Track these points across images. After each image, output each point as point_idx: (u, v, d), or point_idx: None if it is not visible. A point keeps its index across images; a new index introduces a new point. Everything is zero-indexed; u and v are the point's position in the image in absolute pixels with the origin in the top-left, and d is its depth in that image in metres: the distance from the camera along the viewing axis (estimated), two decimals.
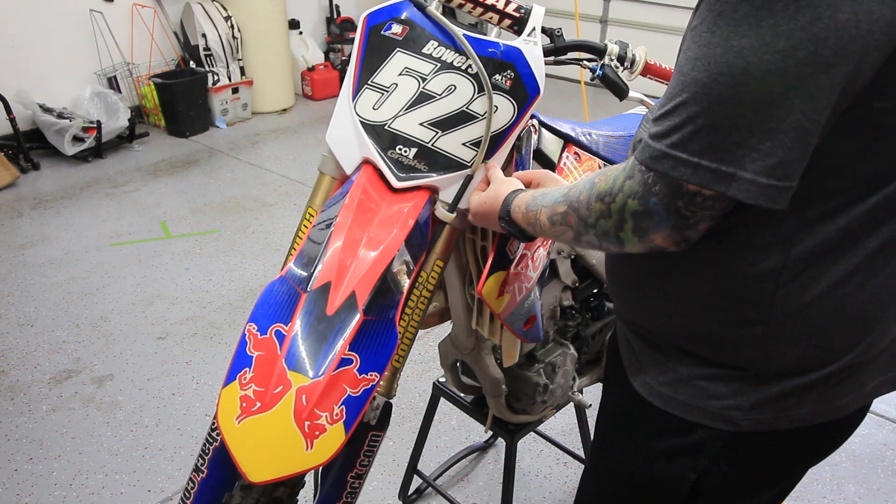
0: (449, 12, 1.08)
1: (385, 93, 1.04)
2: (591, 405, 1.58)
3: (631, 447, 0.93)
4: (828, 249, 0.72)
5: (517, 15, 1.10)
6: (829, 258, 0.72)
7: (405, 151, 1.03)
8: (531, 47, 1.05)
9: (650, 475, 0.90)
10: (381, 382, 0.95)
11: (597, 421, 1.04)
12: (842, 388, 0.79)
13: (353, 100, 1.05)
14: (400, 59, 1.05)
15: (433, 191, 1.05)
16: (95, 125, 3.92)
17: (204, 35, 4.45)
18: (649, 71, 1.25)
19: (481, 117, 1.02)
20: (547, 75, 1.06)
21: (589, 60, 1.24)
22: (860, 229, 0.72)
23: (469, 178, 1.04)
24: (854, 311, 0.75)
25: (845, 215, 0.71)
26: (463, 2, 1.10)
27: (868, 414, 2.15)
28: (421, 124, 1.03)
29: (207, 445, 1.07)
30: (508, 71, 1.03)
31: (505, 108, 1.03)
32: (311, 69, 5.16)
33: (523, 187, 0.97)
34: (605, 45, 1.19)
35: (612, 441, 0.98)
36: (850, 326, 0.76)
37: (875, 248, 0.73)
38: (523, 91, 1.03)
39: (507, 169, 1.10)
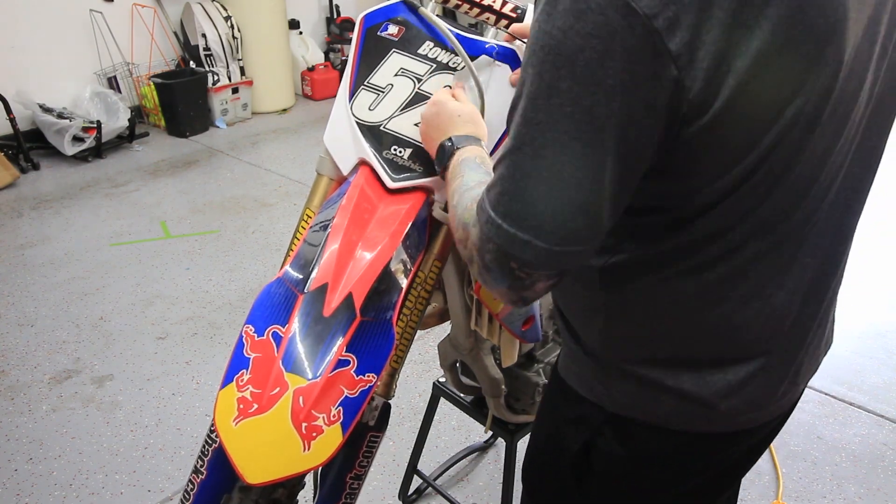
0: (449, 13, 1.08)
1: (381, 93, 1.04)
2: None
3: (546, 414, 1.01)
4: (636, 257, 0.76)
5: (513, 15, 1.10)
6: (643, 267, 0.76)
7: (400, 152, 1.03)
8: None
9: (552, 439, 0.97)
10: (379, 383, 0.95)
11: None
12: (698, 403, 0.80)
13: (350, 101, 1.05)
14: (396, 60, 1.05)
15: (430, 192, 1.05)
16: (95, 125, 3.92)
17: (204, 35, 4.45)
18: None
19: None
20: None
21: None
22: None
23: None
24: (686, 334, 0.78)
25: (668, 240, 0.73)
26: (460, 2, 1.10)
27: (868, 414, 2.17)
28: (416, 125, 1.03)
29: (206, 447, 1.07)
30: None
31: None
32: (311, 69, 5.16)
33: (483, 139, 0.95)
34: None
35: (540, 410, 1.06)
36: (679, 345, 0.79)
37: (712, 280, 0.74)
38: None
39: None
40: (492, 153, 1.05)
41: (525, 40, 1.05)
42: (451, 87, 1.04)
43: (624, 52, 0.57)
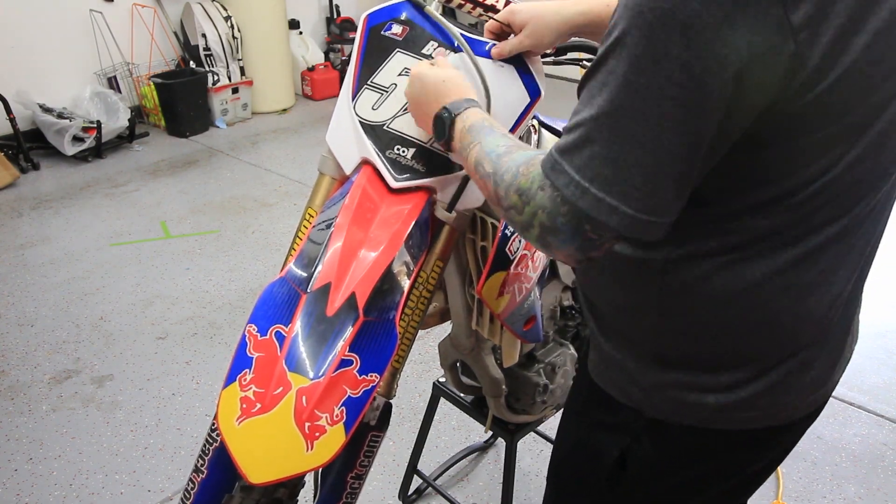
0: (449, 12, 1.08)
1: (384, 93, 1.04)
2: None
3: (575, 420, 0.99)
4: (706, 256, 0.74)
5: None
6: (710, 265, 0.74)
7: (403, 152, 1.03)
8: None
9: (584, 445, 0.95)
10: (380, 383, 0.95)
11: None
12: (744, 401, 0.79)
13: (353, 100, 1.05)
14: (399, 60, 1.05)
15: (433, 191, 1.05)
16: (95, 125, 3.92)
17: (204, 35, 4.45)
18: None
19: None
20: (546, 75, 1.06)
21: (588, 61, 1.24)
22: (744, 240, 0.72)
23: (467, 179, 1.04)
24: (748, 328, 0.76)
25: (741, 228, 0.72)
26: (462, 2, 1.10)
27: (868, 414, 2.17)
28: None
29: (207, 446, 1.07)
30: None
31: None
32: (311, 69, 5.16)
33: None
34: None
35: (569, 412, 1.04)
36: (738, 341, 0.77)
37: (781, 265, 0.73)
38: (523, 93, 1.04)
39: None
40: None
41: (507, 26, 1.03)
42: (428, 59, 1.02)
43: (744, 22, 0.56)
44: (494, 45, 1.04)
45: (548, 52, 1.13)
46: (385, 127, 1.03)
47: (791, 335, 0.78)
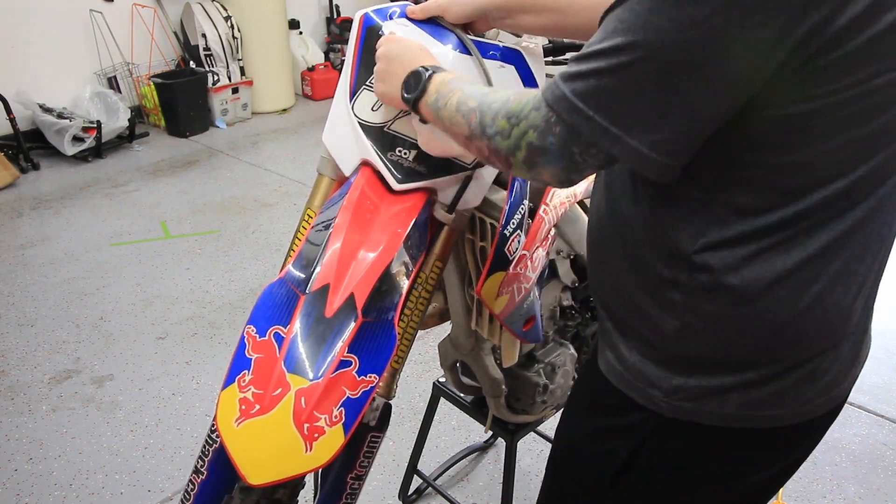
0: None
1: None
2: None
3: (580, 421, 0.97)
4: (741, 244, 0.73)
5: None
6: (747, 255, 0.73)
7: (405, 153, 1.03)
8: (532, 49, 1.04)
9: (588, 449, 0.94)
10: (380, 383, 0.95)
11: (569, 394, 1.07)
12: (770, 399, 0.79)
13: (351, 101, 1.04)
14: None
15: (432, 192, 1.04)
16: (95, 125, 3.92)
17: (204, 35, 4.45)
18: None
19: None
20: (546, 76, 1.06)
21: None
22: (788, 230, 0.71)
23: (468, 180, 1.04)
24: (778, 322, 0.75)
25: (770, 217, 0.71)
26: None
27: (868, 414, 2.17)
28: None
29: (207, 447, 1.07)
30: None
31: None
32: (311, 69, 5.16)
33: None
34: None
35: (570, 408, 1.03)
36: (768, 337, 0.76)
37: (812, 253, 0.72)
38: None
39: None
40: None
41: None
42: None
43: None
44: (497, 44, 1.04)
45: (546, 52, 1.13)
46: (386, 128, 1.03)
47: (821, 329, 0.77)
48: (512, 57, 1.03)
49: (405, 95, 0.89)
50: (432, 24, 1.05)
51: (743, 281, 0.73)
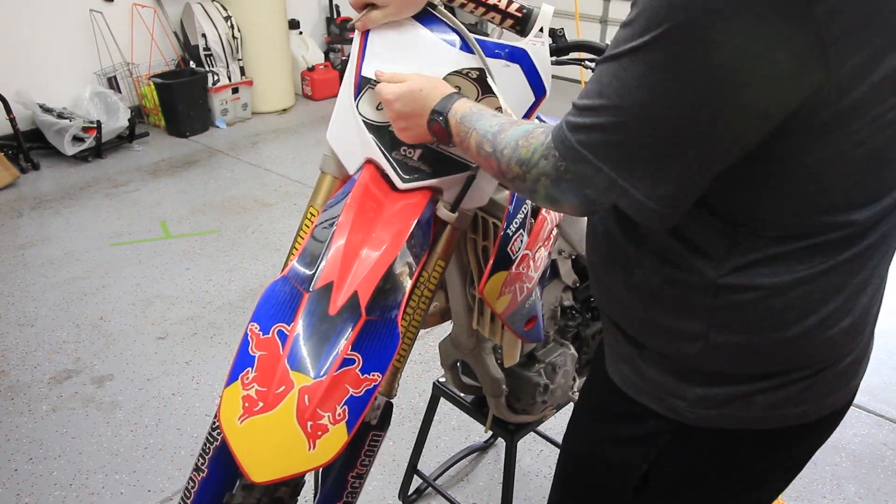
0: (449, 11, 1.07)
1: None
2: None
3: (594, 429, 0.97)
4: (764, 264, 0.73)
5: (519, 15, 1.10)
6: (765, 273, 0.73)
7: (410, 153, 1.03)
8: (538, 48, 1.04)
9: (606, 459, 0.93)
10: (382, 382, 0.95)
11: (576, 402, 1.07)
12: (794, 396, 0.79)
13: (356, 99, 1.04)
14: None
15: (435, 191, 1.05)
16: (95, 125, 3.92)
17: (204, 35, 4.45)
18: None
19: None
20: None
21: (590, 60, 1.24)
22: (804, 252, 0.72)
23: (472, 179, 1.04)
24: (803, 336, 0.75)
25: (801, 240, 0.72)
26: (465, 1, 1.10)
27: (868, 414, 2.17)
28: None
29: (208, 445, 1.07)
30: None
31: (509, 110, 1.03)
32: (311, 69, 5.16)
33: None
34: (606, 46, 1.19)
35: (581, 421, 1.02)
36: (792, 346, 0.76)
37: (829, 270, 0.73)
38: (528, 92, 1.04)
39: None
40: None
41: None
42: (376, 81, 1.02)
43: (776, 27, 0.57)
44: (503, 44, 1.04)
45: (550, 52, 1.13)
46: (391, 127, 1.03)
47: (845, 336, 0.78)
48: (517, 56, 1.03)
49: (441, 141, 0.95)
50: (435, 20, 1.05)
51: (766, 298, 0.74)
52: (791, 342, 0.75)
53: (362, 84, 1.05)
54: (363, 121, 1.04)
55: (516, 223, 1.13)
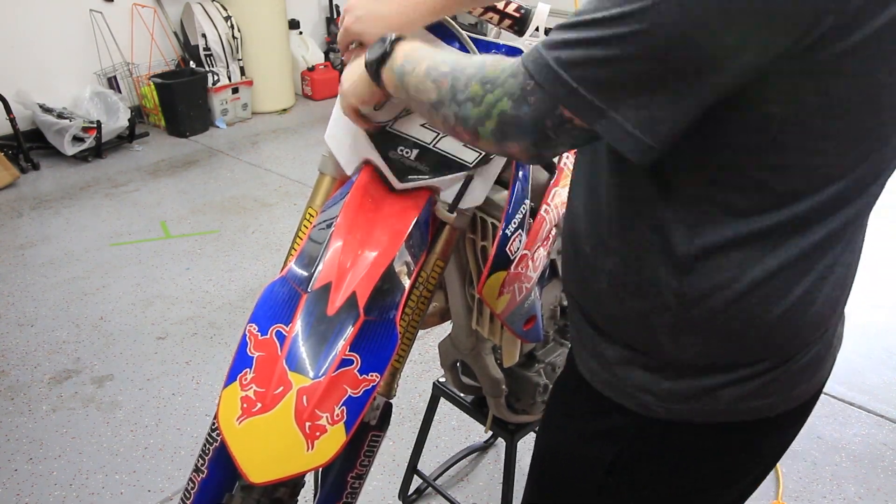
0: None
1: None
2: None
3: (563, 422, 0.96)
4: (738, 248, 0.71)
5: (517, 15, 1.10)
6: (739, 258, 0.72)
7: (407, 153, 1.03)
8: None
9: (573, 454, 0.93)
10: (381, 383, 0.95)
11: (548, 398, 1.06)
12: (760, 389, 0.78)
13: None
14: None
15: (433, 191, 1.05)
16: (95, 125, 3.92)
17: (204, 35, 4.45)
18: None
19: None
20: None
21: None
22: (780, 232, 0.70)
23: (470, 179, 1.04)
24: (771, 322, 0.74)
25: (766, 218, 0.70)
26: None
27: (868, 414, 2.17)
28: (422, 125, 1.03)
29: (207, 446, 1.07)
30: None
31: None
32: (311, 69, 5.16)
33: None
34: None
35: (552, 413, 1.02)
36: (759, 332, 0.75)
37: (795, 255, 0.71)
38: None
39: (507, 169, 1.10)
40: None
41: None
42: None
43: None
44: (501, 43, 1.04)
45: None
46: (388, 128, 1.03)
47: (812, 322, 0.76)
48: (514, 56, 1.03)
49: (367, 58, 0.85)
50: (436, 24, 1.05)
51: (735, 281, 0.72)
52: (758, 326, 0.74)
53: None
54: None
55: (515, 223, 1.13)
